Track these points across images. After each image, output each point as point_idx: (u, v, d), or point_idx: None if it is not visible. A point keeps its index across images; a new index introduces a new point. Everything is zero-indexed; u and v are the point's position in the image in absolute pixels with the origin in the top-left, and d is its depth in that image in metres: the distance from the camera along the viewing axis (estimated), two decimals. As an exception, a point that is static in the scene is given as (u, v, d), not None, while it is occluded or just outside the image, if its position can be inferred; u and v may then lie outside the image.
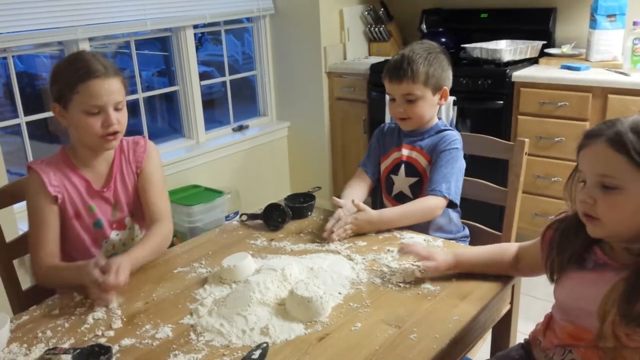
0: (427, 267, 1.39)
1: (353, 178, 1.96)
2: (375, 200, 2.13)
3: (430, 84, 1.78)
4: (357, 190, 1.88)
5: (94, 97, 1.50)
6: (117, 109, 1.55)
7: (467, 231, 1.92)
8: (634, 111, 2.66)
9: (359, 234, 1.65)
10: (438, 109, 1.90)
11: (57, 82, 1.54)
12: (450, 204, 1.76)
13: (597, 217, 1.09)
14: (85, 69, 1.50)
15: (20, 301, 1.64)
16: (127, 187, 1.68)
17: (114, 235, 1.65)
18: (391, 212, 1.72)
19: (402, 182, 1.88)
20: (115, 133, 1.56)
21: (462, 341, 1.24)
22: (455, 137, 1.82)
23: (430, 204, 1.73)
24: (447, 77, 1.83)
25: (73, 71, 1.51)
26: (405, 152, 1.88)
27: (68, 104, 1.52)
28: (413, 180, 1.86)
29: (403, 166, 1.87)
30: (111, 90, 1.52)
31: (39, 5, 2.60)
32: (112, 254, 1.64)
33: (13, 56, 2.68)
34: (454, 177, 1.76)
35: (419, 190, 1.85)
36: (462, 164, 1.80)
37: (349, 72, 3.54)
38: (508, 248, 1.44)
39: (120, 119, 1.56)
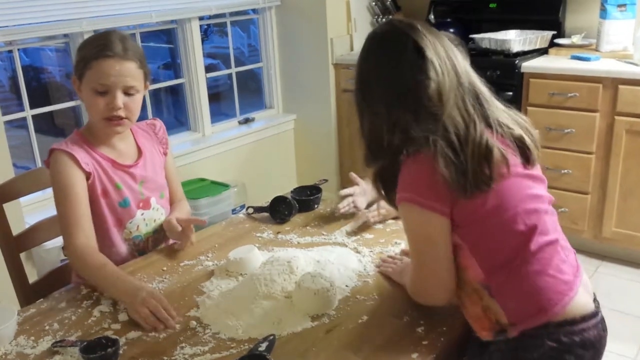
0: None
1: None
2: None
3: None
4: (364, 182, 1.87)
5: (102, 76, 1.46)
6: (128, 94, 1.50)
7: None
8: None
9: (365, 227, 1.65)
10: None
11: (78, 55, 1.52)
12: None
13: None
14: (103, 46, 1.47)
15: (27, 294, 1.64)
16: (156, 166, 1.67)
17: (139, 214, 1.61)
18: None
19: None
20: (120, 118, 1.51)
21: (470, 332, 1.22)
22: None
23: None
24: None
25: (92, 47, 1.49)
26: None
27: (82, 78, 1.50)
28: None
29: None
30: (122, 72, 1.47)
31: (44, -3, 2.60)
32: (136, 236, 1.62)
33: (18, 49, 2.68)
34: None
35: None
36: None
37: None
38: None
39: (129, 105, 1.51)
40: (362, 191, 1.72)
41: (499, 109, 1.18)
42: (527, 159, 1.17)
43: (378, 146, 1.20)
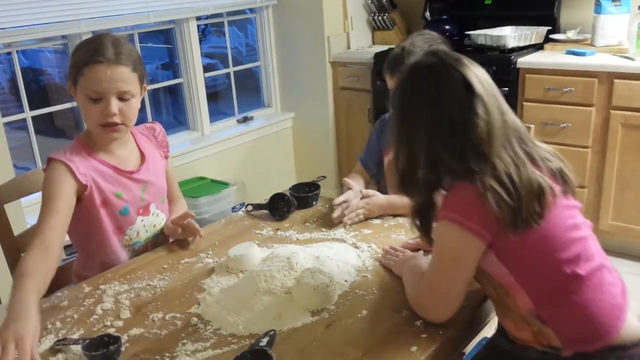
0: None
1: (353, 172, 1.96)
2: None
3: None
4: (356, 184, 1.86)
5: (94, 83, 1.43)
6: (122, 99, 1.46)
7: None
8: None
9: (363, 222, 1.66)
10: None
11: (71, 60, 1.49)
12: None
13: None
14: (94, 51, 1.43)
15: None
16: (158, 171, 1.66)
17: (139, 221, 1.60)
18: (400, 201, 1.71)
19: None
20: (116, 124, 1.48)
21: (469, 326, 1.24)
22: None
23: None
24: None
25: (84, 52, 1.45)
26: None
27: (76, 84, 1.47)
28: None
29: None
30: (115, 77, 1.43)
31: (41, -1, 2.61)
32: (135, 242, 1.62)
33: (17, 51, 2.69)
34: None
35: None
36: None
37: (353, 62, 3.53)
38: None
39: (125, 110, 1.47)
40: (356, 194, 1.71)
41: (535, 143, 1.19)
42: (567, 189, 1.18)
43: (412, 180, 1.18)
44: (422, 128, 1.15)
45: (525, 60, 2.93)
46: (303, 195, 1.82)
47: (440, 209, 1.16)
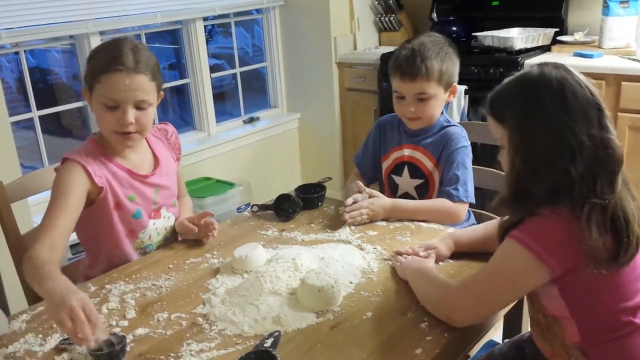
0: (430, 254, 1.40)
1: (352, 176, 1.95)
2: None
3: (443, 82, 1.71)
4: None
5: (112, 91, 1.42)
6: (139, 108, 1.46)
7: (473, 219, 1.88)
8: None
9: (368, 223, 1.66)
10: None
11: (87, 65, 1.47)
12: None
13: None
14: (113, 58, 1.41)
15: (36, 293, 1.65)
16: (171, 174, 1.66)
17: (151, 224, 1.61)
18: (405, 204, 1.71)
19: (406, 183, 1.84)
20: (130, 133, 1.47)
21: (474, 328, 1.23)
22: (462, 135, 1.77)
23: (450, 210, 1.69)
24: (456, 72, 1.77)
25: (102, 58, 1.44)
26: (407, 152, 1.82)
27: (92, 91, 1.46)
28: (418, 182, 1.81)
29: (406, 167, 1.83)
30: (133, 87, 1.42)
31: (49, -1, 2.62)
32: (147, 245, 1.62)
33: (25, 51, 2.70)
34: (469, 178, 1.73)
35: (425, 191, 1.81)
36: (471, 160, 1.78)
37: (360, 63, 3.53)
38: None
39: (141, 119, 1.46)
40: (364, 196, 1.69)
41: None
42: None
43: (522, 197, 1.10)
44: (549, 147, 1.06)
45: (532, 62, 2.91)
46: (309, 196, 1.82)
47: (516, 229, 1.10)
